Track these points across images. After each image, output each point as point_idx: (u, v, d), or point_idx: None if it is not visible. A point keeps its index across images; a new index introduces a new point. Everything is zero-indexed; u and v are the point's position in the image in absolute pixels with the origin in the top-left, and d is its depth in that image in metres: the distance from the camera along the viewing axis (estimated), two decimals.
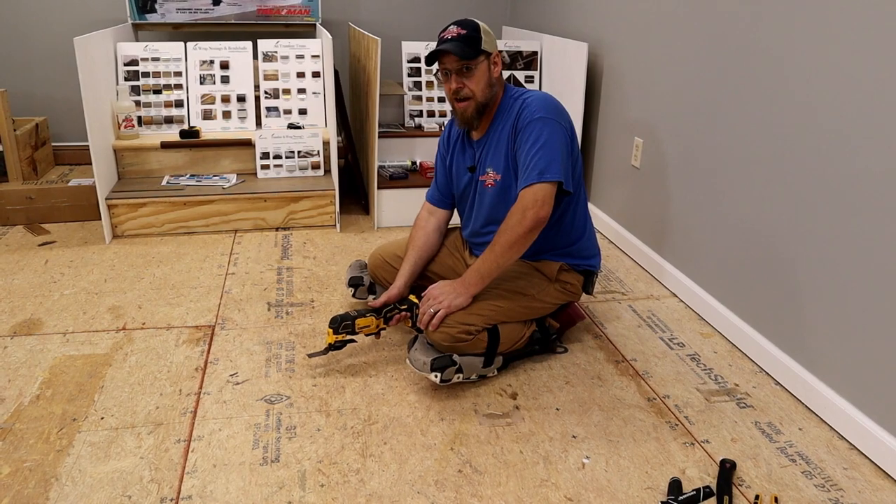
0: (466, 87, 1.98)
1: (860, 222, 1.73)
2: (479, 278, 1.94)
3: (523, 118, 1.96)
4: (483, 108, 2.02)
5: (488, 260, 1.93)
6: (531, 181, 1.89)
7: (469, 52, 1.95)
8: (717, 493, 1.58)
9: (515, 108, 2.00)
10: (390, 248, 2.33)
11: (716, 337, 2.30)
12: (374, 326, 2.08)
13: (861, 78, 1.71)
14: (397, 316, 2.10)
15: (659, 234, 2.72)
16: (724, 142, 2.26)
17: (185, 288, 2.57)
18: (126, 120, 3.26)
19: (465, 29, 1.98)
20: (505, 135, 2.01)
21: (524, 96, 2.01)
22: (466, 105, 2.00)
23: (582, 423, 1.84)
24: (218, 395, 1.92)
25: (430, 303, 1.94)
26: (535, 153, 1.90)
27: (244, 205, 3.15)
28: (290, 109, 3.52)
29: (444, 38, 1.98)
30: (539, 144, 1.90)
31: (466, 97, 1.99)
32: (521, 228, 1.88)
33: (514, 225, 1.89)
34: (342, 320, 2.03)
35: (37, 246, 2.94)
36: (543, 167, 1.89)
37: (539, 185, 1.88)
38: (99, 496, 1.54)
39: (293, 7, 3.93)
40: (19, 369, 2.03)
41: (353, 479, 1.61)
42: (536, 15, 3.98)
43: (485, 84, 1.99)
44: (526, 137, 1.93)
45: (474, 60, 1.96)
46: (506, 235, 1.90)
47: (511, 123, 1.99)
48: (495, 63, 2.01)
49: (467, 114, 2.02)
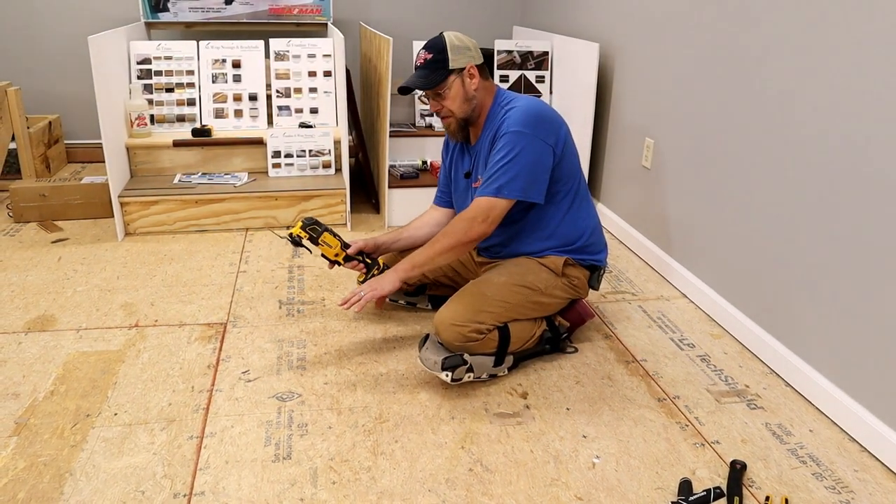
0: (444, 107, 2.03)
1: (869, 222, 1.73)
2: (410, 266, 1.98)
3: (501, 129, 1.99)
4: (465, 122, 2.07)
5: (425, 255, 1.97)
6: (488, 193, 1.94)
7: (433, 79, 2.00)
8: (728, 494, 1.58)
9: (498, 119, 2.03)
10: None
11: (726, 338, 2.30)
12: (333, 254, 2.13)
13: (876, 78, 1.70)
14: (356, 263, 2.16)
15: (669, 234, 2.72)
16: (735, 142, 2.26)
17: (196, 285, 2.59)
18: (139, 118, 3.28)
19: (431, 52, 2.02)
20: (488, 145, 2.05)
21: (509, 105, 2.03)
22: (449, 121, 2.07)
23: (592, 422, 1.85)
24: (230, 392, 1.94)
25: (362, 288, 1.97)
26: (501, 167, 1.94)
27: (255, 203, 3.16)
28: (301, 108, 3.53)
29: (416, 65, 2.06)
30: (507, 159, 1.93)
31: (446, 115, 2.05)
32: (465, 238, 1.94)
33: (459, 232, 1.95)
34: (314, 223, 2.12)
35: (50, 243, 2.96)
36: (503, 182, 1.93)
37: (494, 199, 1.93)
38: (113, 491, 1.56)
39: (305, 6, 3.95)
40: (33, 365, 2.05)
41: (365, 476, 1.62)
42: (547, 15, 3.98)
43: (461, 101, 2.03)
44: (498, 149, 1.97)
45: (441, 85, 2.01)
46: (449, 239, 1.95)
47: (492, 134, 2.03)
48: (471, 75, 2.03)
49: (451, 128, 2.10)
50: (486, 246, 2.19)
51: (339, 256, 2.14)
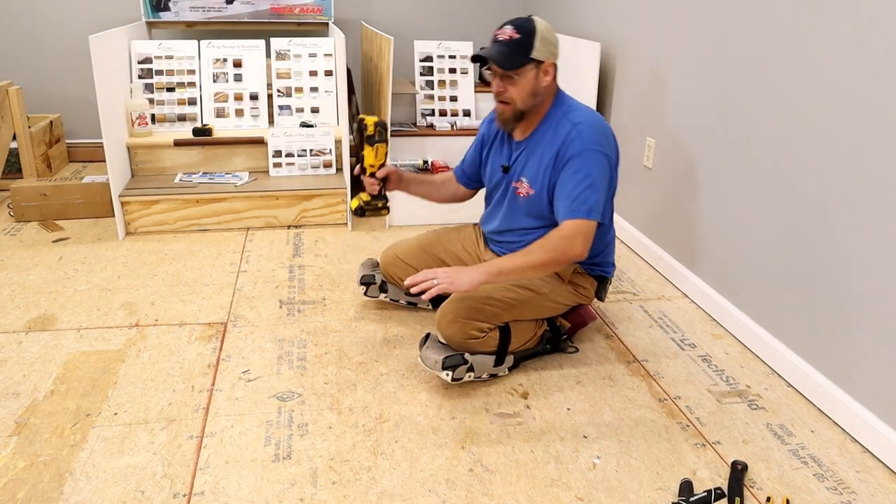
0: (508, 91, 1.93)
1: (871, 223, 1.72)
2: (497, 272, 1.85)
3: (574, 147, 1.90)
4: (522, 115, 1.98)
5: (516, 264, 1.86)
6: (581, 216, 1.86)
7: (512, 62, 1.88)
8: (729, 495, 1.57)
9: (563, 130, 1.94)
10: (402, 246, 2.33)
11: (727, 338, 2.29)
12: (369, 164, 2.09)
13: (885, 78, 1.70)
14: (375, 184, 2.12)
15: (671, 235, 2.71)
16: (737, 142, 2.25)
17: (197, 285, 2.59)
18: (139, 117, 3.28)
19: (518, 33, 1.88)
20: (548, 155, 1.96)
21: (575, 119, 1.94)
22: (505, 108, 1.97)
23: (593, 423, 1.84)
24: (230, 391, 1.94)
25: (437, 274, 1.83)
26: (585, 188, 1.87)
27: (256, 203, 3.16)
28: (302, 108, 3.53)
29: (496, 38, 1.91)
30: (589, 181, 1.87)
31: (506, 101, 1.96)
32: (564, 257, 1.87)
33: (558, 249, 1.86)
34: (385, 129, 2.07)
35: (51, 242, 2.96)
36: (592, 205, 1.87)
37: (587, 222, 1.87)
38: (112, 491, 1.55)
39: (306, 6, 3.94)
40: (34, 364, 2.05)
41: (365, 476, 1.62)
42: (549, 15, 3.97)
43: (527, 93, 1.93)
44: (576, 168, 1.89)
45: (518, 70, 1.89)
46: (547, 254, 1.85)
47: (557, 146, 1.94)
48: (546, 72, 1.93)
49: (505, 115, 1.99)
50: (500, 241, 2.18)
51: (373, 168, 2.10)
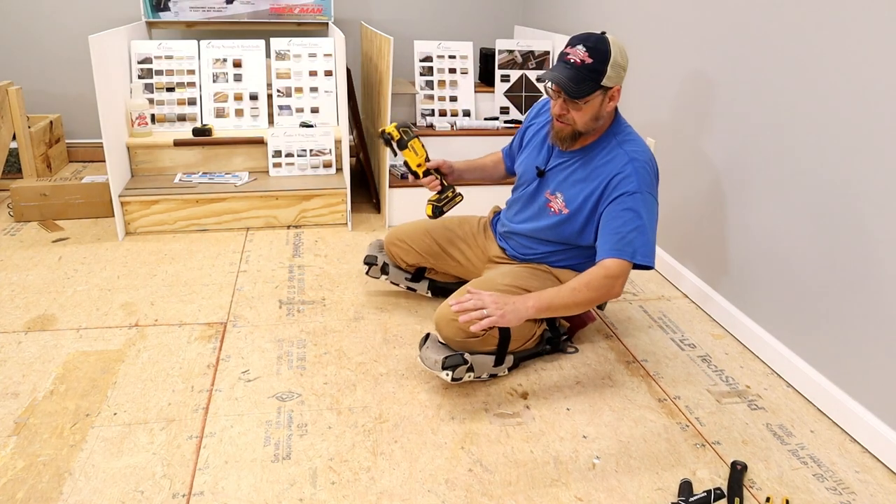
0: (570, 114, 1.90)
1: (869, 222, 1.72)
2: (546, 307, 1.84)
3: (628, 185, 1.87)
4: (579, 135, 1.95)
5: (563, 301, 1.85)
6: (625, 257, 1.85)
7: (581, 90, 1.83)
8: (728, 495, 1.57)
9: (619, 161, 1.90)
10: (408, 228, 2.37)
11: (727, 338, 2.29)
12: (416, 164, 2.14)
13: (889, 78, 1.70)
14: (433, 179, 2.15)
15: (670, 234, 2.71)
16: (735, 142, 2.25)
17: (197, 285, 2.59)
18: (139, 117, 3.28)
19: (591, 57, 1.81)
20: (596, 182, 1.94)
21: (631, 153, 1.91)
22: (563, 127, 1.94)
23: (592, 423, 1.84)
24: (230, 391, 1.93)
25: (486, 303, 1.80)
26: (633, 229, 1.86)
27: (256, 203, 3.16)
28: (302, 108, 3.53)
29: (567, 58, 1.84)
30: (639, 223, 1.86)
31: (566, 122, 1.93)
32: (607, 296, 1.87)
33: (602, 289, 1.85)
34: (407, 126, 2.12)
35: (50, 242, 2.96)
36: (637, 248, 1.86)
37: (629, 264, 1.86)
38: (112, 491, 1.55)
39: (306, 6, 3.94)
40: (33, 364, 2.05)
41: (364, 476, 1.62)
42: (549, 14, 3.97)
43: (590, 118, 1.90)
44: (627, 206, 1.87)
45: (585, 98, 1.85)
46: (592, 293, 1.84)
47: (609, 176, 1.91)
48: (612, 98, 1.89)
49: (562, 134, 1.95)
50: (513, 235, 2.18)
51: (421, 168, 2.12)
